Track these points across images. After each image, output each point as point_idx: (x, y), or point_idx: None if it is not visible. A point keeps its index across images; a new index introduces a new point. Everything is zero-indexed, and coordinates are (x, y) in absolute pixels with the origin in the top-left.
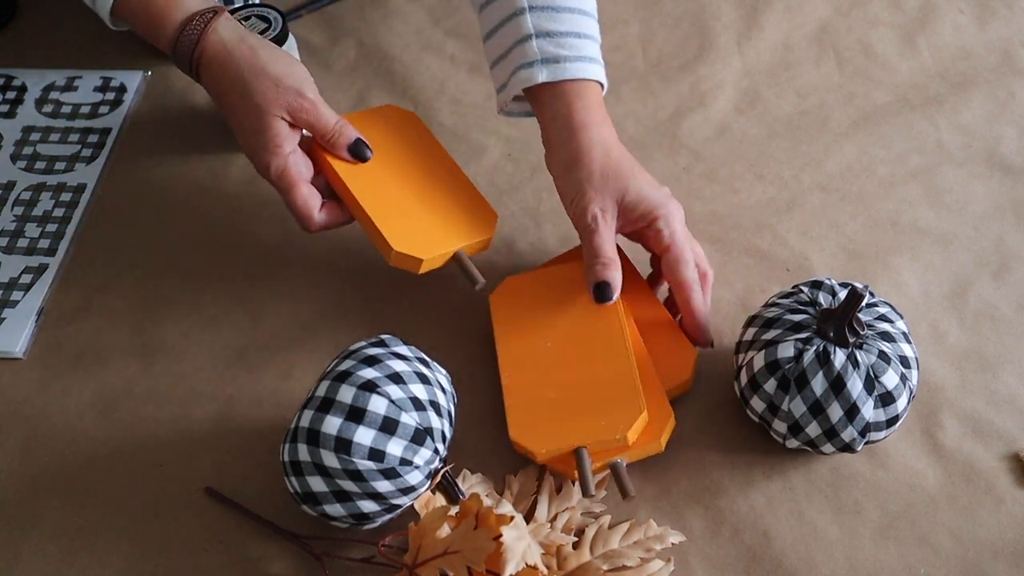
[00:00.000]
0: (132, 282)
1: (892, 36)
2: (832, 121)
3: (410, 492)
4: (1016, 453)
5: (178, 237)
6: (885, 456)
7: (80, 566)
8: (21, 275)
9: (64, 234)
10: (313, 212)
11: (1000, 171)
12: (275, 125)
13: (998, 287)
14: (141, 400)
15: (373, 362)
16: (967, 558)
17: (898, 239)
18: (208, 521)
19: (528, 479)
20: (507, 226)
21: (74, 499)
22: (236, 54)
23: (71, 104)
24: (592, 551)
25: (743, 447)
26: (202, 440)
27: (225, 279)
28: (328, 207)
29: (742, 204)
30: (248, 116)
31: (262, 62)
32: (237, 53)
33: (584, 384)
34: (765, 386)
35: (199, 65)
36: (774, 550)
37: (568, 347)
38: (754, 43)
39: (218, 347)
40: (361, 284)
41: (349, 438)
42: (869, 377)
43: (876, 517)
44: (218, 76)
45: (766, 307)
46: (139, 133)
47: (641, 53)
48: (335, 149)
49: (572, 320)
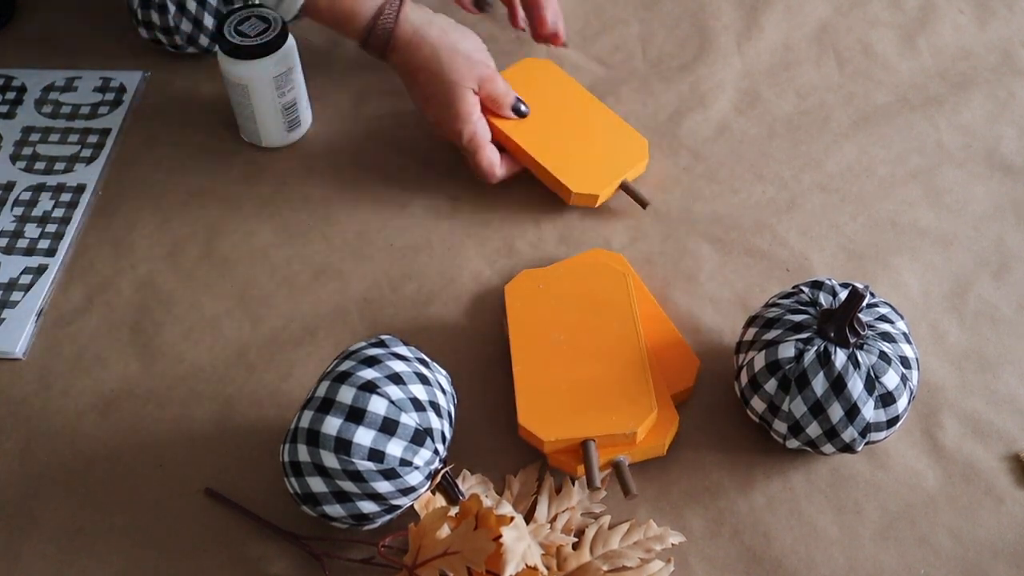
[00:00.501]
0: (132, 282)
1: (892, 36)
2: (832, 121)
3: (410, 493)
4: (1016, 453)
5: (178, 237)
6: (885, 456)
7: (80, 566)
8: (21, 275)
9: (64, 234)
10: (496, 168)
11: (1000, 171)
12: (467, 96)
13: (998, 287)
14: (141, 400)
15: (373, 363)
16: (967, 558)
17: (898, 239)
18: (208, 521)
19: (528, 479)
20: (507, 225)
21: (74, 499)
22: (429, 37)
23: (71, 104)
24: (592, 551)
25: (743, 447)
26: (202, 441)
27: (225, 279)
28: (504, 160)
29: (742, 204)
30: (441, 90)
31: (452, 40)
32: (430, 36)
33: (596, 378)
34: (765, 386)
35: (392, 50)
36: (774, 550)
37: (581, 341)
38: (754, 43)
39: (218, 347)
40: (361, 284)
41: (349, 439)
42: (870, 377)
43: (876, 517)
44: (411, 58)
45: (766, 307)
46: (139, 133)
47: (641, 53)
48: (502, 110)
49: (586, 315)
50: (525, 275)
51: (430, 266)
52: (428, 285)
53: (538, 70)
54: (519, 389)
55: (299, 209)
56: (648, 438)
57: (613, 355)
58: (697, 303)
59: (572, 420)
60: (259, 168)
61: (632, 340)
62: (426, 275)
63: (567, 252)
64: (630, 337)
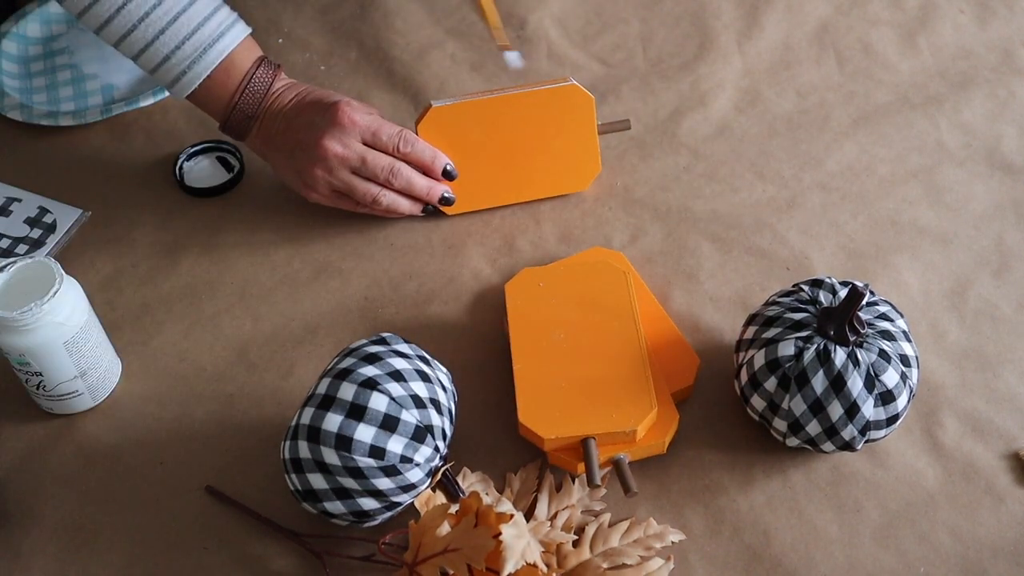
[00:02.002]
0: (133, 281)
1: (892, 35)
2: (832, 120)
3: (410, 490)
4: (1016, 452)
5: (179, 235)
6: (885, 455)
7: (81, 564)
8: None
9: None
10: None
11: (1000, 170)
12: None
13: (998, 286)
14: (141, 400)
15: (374, 360)
16: (967, 557)
17: (898, 238)
18: (209, 519)
19: (528, 477)
20: (507, 224)
21: (75, 497)
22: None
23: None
24: (592, 549)
25: (743, 446)
26: (203, 439)
27: (226, 279)
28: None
29: (742, 203)
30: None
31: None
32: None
33: (596, 376)
34: (765, 384)
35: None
36: (774, 549)
37: (582, 339)
38: (754, 42)
39: (218, 347)
40: (362, 282)
41: (350, 435)
42: (869, 376)
43: (876, 516)
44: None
45: (766, 305)
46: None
47: (641, 52)
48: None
49: (587, 313)
50: (526, 273)
51: (431, 264)
52: (429, 283)
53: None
54: (519, 387)
55: (300, 207)
56: (648, 436)
57: (613, 353)
58: (697, 301)
59: (572, 418)
60: None
61: (632, 338)
62: (427, 273)
63: (567, 250)
64: (630, 335)
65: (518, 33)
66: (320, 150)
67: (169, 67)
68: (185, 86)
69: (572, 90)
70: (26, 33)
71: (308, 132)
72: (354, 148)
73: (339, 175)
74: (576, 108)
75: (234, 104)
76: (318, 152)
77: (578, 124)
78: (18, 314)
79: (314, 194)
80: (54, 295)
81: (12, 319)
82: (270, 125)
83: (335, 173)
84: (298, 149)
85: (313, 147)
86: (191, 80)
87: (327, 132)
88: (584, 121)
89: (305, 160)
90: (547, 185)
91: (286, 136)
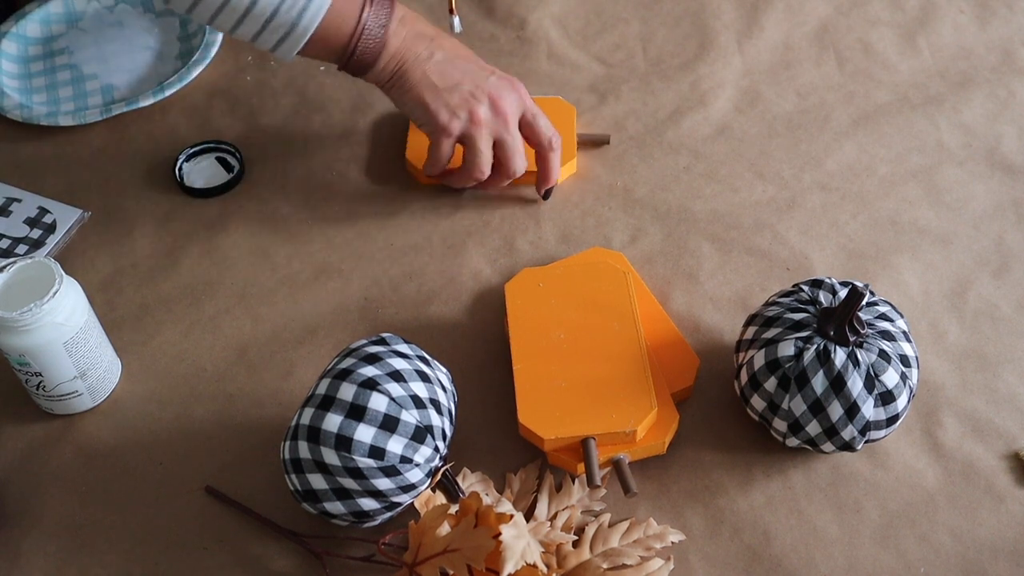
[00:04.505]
0: (133, 280)
1: (892, 35)
2: (832, 120)
3: (410, 490)
4: (1016, 452)
5: (178, 237)
6: (885, 455)
7: (80, 564)
8: None
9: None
10: None
11: (1000, 170)
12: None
13: (998, 286)
14: (141, 400)
15: (374, 360)
16: (967, 557)
17: (898, 238)
18: (208, 519)
19: (528, 477)
20: (507, 224)
21: (74, 498)
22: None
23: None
24: (592, 550)
25: (743, 446)
26: (203, 439)
27: (226, 279)
28: None
29: (742, 203)
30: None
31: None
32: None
33: (596, 376)
34: (765, 385)
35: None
36: (774, 549)
37: (581, 340)
38: (754, 42)
39: (218, 347)
40: (362, 283)
41: (350, 436)
42: (869, 376)
43: (876, 516)
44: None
45: (766, 306)
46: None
47: (641, 52)
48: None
49: (587, 313)
50: (525, 273)
51: (430, 265)
52: (428, 284)
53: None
54: (519, 387)
55: (300, 207)
56: (648, 436)
57: (613, 354)
58: (697, 302)
59: (572, 418)
60: None
61: (632, 339)
62: (426, 274)
63: (567, 251)
64: (630, 336)
65: (518, 33)
66: (496, 100)
67: (275, 26)
68: (298, 39)
69: (555, 101)
70: (26, 33)
71: (483, 79)
72: (513, 121)
73: (493, 128)
74: (560, 112)
75: (358, 37)
76: (492, 102)
77: (561, 129)
78: (18, 314)
79: (444, 135)
80: (54, 295)
81: (12, 319)
82: (406, 53)
83: (488, 126)
84: (466, 86)
85: (487, 93)
86: (302, 33)
87: (505, 91)
88: (566, 128)
89: (471, 99)
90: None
91: (445, 67)
